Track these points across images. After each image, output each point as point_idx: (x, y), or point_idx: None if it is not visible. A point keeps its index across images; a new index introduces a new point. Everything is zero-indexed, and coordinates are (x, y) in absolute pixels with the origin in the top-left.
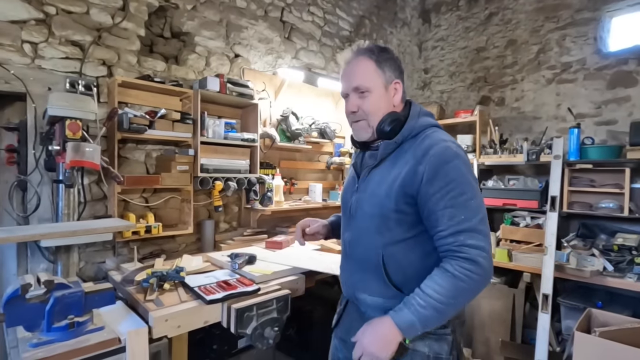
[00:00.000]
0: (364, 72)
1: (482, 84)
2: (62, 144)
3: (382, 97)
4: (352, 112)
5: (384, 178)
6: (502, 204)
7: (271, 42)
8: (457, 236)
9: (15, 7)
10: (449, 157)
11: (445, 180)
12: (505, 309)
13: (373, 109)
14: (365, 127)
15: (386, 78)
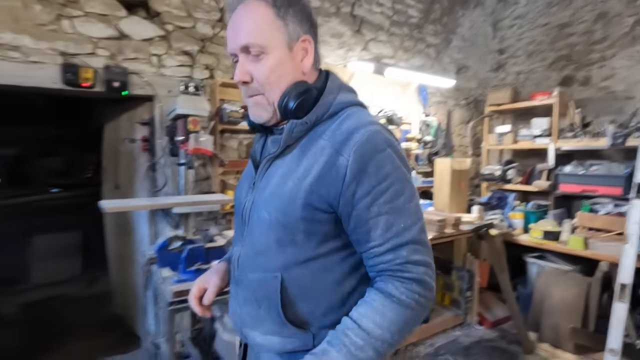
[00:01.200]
0: (257, 24)
1: (564, 63)
2: (186, 135)
3: (284, 61)
4: (242, 81)
5: (290, 172)
6: (580, 190)
7: (342, 36)
8: (398, 251)
9: (146, 29)
10: (379, 144)
11: (377, 177)
12: (578, 297)
13: (272, 77)
14: (264, 103)
15: (290, 33)
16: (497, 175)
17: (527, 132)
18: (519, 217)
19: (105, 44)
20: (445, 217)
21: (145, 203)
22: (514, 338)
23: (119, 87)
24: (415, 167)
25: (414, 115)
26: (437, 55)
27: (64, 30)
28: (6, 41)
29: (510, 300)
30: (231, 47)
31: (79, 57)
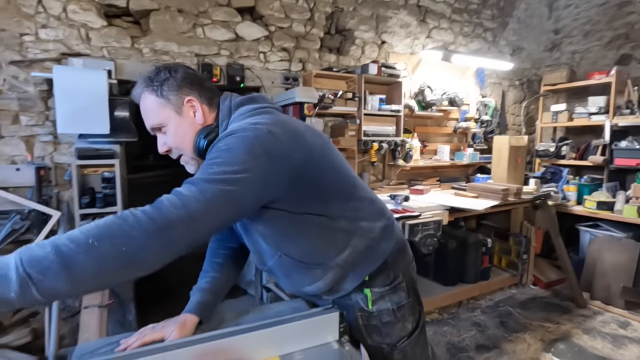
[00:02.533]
0: (150, 110)
1: (622, 42)
2: (300, 119)
3: (180, 125)
4: (164, 151)
5: None
6: (635, 163)
7: (409, 26)
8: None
9: (255, 31)
10: (228, 132)
11: (209, 156)
12: (630, 260)
13: (178, 140)
14: (188, 160)
15: (173, 103)
16: (551, 151)
17: (582, 110)
18: (572, 190)
19: (226, 45)
20: (508, 187)
21: None
22: (567, 296)
23: (238, 80)
24: (473, 144)
25: (472, 96)
26: (493, 38)
27: (198, 36)
28: (160, 48)
29: (564, 260)
30: (148, 128)
31: (208, 57)
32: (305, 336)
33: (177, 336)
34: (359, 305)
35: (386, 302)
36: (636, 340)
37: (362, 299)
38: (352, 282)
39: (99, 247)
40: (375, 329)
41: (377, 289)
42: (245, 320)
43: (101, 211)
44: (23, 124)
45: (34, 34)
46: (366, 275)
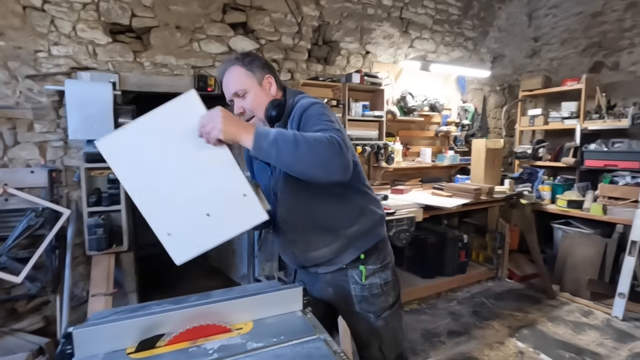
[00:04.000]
0: (237, 78)
1: (596, 49)
2: None
3: (259, 93)
4: (239, 113)
5: None
6: (603, 165)
7: (392, 37)
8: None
9: (247, 44)
10: (309, 104)
11: (309, 115)
12: (596, 254)
13: (255, 104)
14: (256, 122)
15: (257, 76)
16: (528, 153)
17: (556, 114)
18: (547, 190)
19: (220, 57)
20: (481, 187)
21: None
22: (540, 289)
23: None
24: (454, 147)
25: (453, 102)
26: (474, 47)
27: (194, 50)
28: (160, 61)
29: (536, 254)
30: (228, 95)
31: (204, 69)
32: (274, 306)
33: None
34: (353, 278)
35: (376, 278)
36: (595, 327)
37: (357, 273)
38: (350, 256)
39: (312, 146)
40: (364, 299)
41: (370, 266)
42: (229, 293)
43: (107, 209)
44: (37, 131)
45: (47, 51)
46: (362, 252)
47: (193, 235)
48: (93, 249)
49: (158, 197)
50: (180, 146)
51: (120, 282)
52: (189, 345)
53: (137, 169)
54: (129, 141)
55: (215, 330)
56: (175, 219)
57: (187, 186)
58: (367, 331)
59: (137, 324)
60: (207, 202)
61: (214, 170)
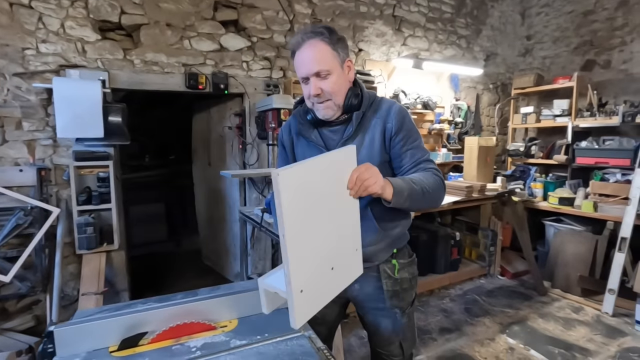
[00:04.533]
0: (322, 56)
1: (587, 48)
2: (278, 123)
3: (341, 77)
4: (316, 94)
5: (361, 144)
6: (594, 162)
7: (385, 35)
8: (418, 167)
9: (238, 42)
10: (404, 113)
11: (406, 130)
12: (587, 251)
13: (336, 88)
14: (332, 106)
15: (341, 58)
16: (521, 151)
17: (548, 112)
18: (539, 187)
19: (212, 55)
20: (472, 185)
21: (257, 172)
22: (531, 285)
23: (223, 88)
24: (447, 145)
25: (446, 100)
26: (467, 45)
27: (185, 47)
28: (150, 59)
29: (527, 252)
30: (306, 72)
31: (195, 67)
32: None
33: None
34: (386, 273)
35: (405, 272)
36: (585, 322)
37: (390, 268)
38: (386, 254)
39: (432, 194)
40: (395, 294)
41: (401, 260)
42: (215, 291)
43: (97, 208)
44: (25, 129)
45: (35, 48)
46: (395, 249)
47: (316, 291)
48: (83, 248)
49: (306, 244)
50: (329, 195)
51: (111, 281)
52: (172, 343)
53: (298, 211)
54: (299, 179)
55: (199, 328)
56: (310, 272)
57: (328, 236)
58: (391, 328)
59: (120, 323)
60: (334, 255)
61: (346, 223)
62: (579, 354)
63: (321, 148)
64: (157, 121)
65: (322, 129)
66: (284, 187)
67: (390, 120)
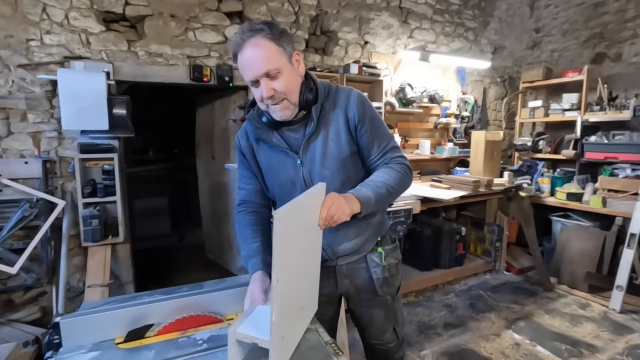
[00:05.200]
0: (268, 54)
1: (597, 41)
2: None
3: (292, 73)
4: (269, 96)
5: (325, 139)
6: (603, 157)
7: (392, 27)
8: (385, 155)
9: None
10: (364, 99)
11: (369, 117)
12: (595, 247)
13: (289, 86)
14: (288, 105)
15: (288, 53)
16: (528, 145)
17: (557, 106)
18: (546, 182)
19: (216, 47)
20: (479, 179)
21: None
22: (537, 281)
23: (227, 80)
24: (454, 139)
25: (453, 93)
26: (475, 37)
27: (189, 39)
28: (154, 50)
29: (534, 247)
30: (254, 75)
31: (199, 59)
32: None
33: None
34: (374, 262)
35: (391, 257)
36: (592, 319)
37: (377, 256)
38: (371, 242)
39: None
40: (385, 281)
41: (386, 247)
42: (221, 284)
43: (102, 200)
44: (30, 121)
45: (39, 40)
46: (379, 237)
47: (292, 336)
48: (88, 240)
49: (290, 287)
50: (304, 234)
51: (116, 274)
52: (178, 335)
53: (288, 252)
54: (291, 219)
55: (205, 320)
56: (288, 316)
57: (302, 275)
58: (384, 315)
59: (126, 314)
60: (304, 293)
61: (313, 258)
62: (586, 350)
63: (285, 150)
64: (161, 115)
65: (281, 130)
66: (284, 227)
67: (351, 109)
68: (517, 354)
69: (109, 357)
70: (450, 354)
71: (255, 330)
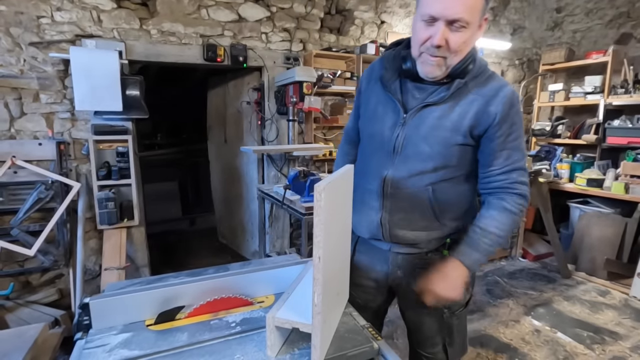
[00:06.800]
0: (471, 4)
1: (623, 20)
2: (300, 97)
3: (474, 35)
4: (438, 45)
5: (445, 116)
6: (627, 142)
7: (409, 6)
8: (510, 174)
9: (257, 12)
10: (515, 101)
11: (511, 123)
12: (615, 234)
13: (463, 47)
14: (442, 64)
15: (484, 11)
16: (547, 130)
17: (579, 89)
18: (565, 168)
19: (230, 26)
20: None
21: (279, 148)
22: (554, 268)
23: (242, 60)
24: None
25: None
26: (494, 17)
27: (202, 17)
28: (167, 29)
29: (552, 234)
30: (441, 12)
31: (213, 38)
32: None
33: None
34: (435, 264)
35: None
36: (613, 306)
37: (440, 259)
38: (437, 243)
39: (508, 236)
40: None
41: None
42: (247, 266)
43: (117, 183)
44: (43, 101)
45: (50, 17)
46: (449, 239)
47: (330, 320)
48: (104, 223)
49: (329, 268)
50: (338, 214)
51: (132, 257)
52: (210, 317)
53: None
54: (332, 195)
55: (236, 302)
56: (328, 300)
57: (338, 257)
58: (436, 327)
59: (155, 296)
60: (340, 277)
61: (344, 242)
62: (608, 338)
63: (397, 103)
64: (171, 99)
65: (407, 80)
66: (326, 200)
67: (495, 105)
68: (537, 340)
69: (141, 339)
70: (470, 339)
71: (295, 314)
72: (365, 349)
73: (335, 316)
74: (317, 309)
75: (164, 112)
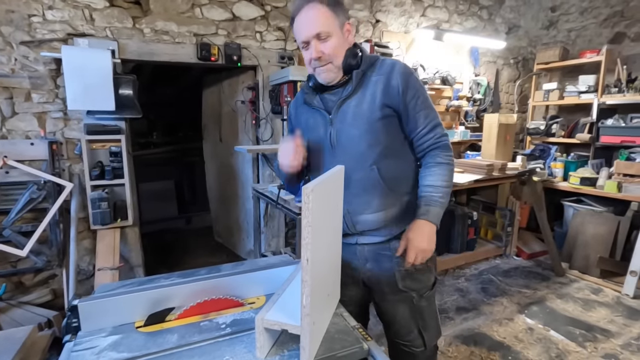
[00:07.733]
0: (322, 19)
1: (617, 19)
2: (294, 96)
3: (340, 39)
4: (317, 58)
5: (360, 101)
6: (620, 141)
7: (404, 4)
8: (434, 130)
9: (251, 10)
10: (409, 70)
11: (414, 89)
12: (608, 232)
13: (336, 51)
14: (332, 68)
15: (340, 21)
16: (541, 129)
17: (573, 89)
18: (559, 167)
19: (224, 25)
20: (493, 163)
21: (274, 147)
22: (548, 266)
23: (236, 59)
24: (465, 122)
25: (465, 75)
26: (489, 16)
27: (196, 16)
28: (160, 28)
29: (546, 232)
30: (306, 35)
31: (207, 37)
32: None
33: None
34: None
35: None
36: (605, 304)
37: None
38: (399, 228)
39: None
40: (408, 275)
41: None
42: (239, 267)
43: (110, 183)
44: (35, 101)
45: (41, 15)
46: (407, 225)
47: (320, 321)
48: (97, 223)
49: (318, 269)
50: (327, 214)
51: (126, 257)
52: (200, 319)
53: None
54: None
55: (227, 304)
56: (317, 300)
57: (327, 258)
58: (409, 313)
59: (145, 297)
60: (330, 278)
61: (335, 243)
62: (600, 335)
63: (321, 111)
64: (166, 97)
65: (324, 94)
66: (314, 202)
67: (394, 78)
68: (530, 338)
69: (130, 341)
70: (463, 338)
71: (284, 316)
72: (355, 349)
73: (325, 317)
74: (305, 311)
75: (159, 110)
